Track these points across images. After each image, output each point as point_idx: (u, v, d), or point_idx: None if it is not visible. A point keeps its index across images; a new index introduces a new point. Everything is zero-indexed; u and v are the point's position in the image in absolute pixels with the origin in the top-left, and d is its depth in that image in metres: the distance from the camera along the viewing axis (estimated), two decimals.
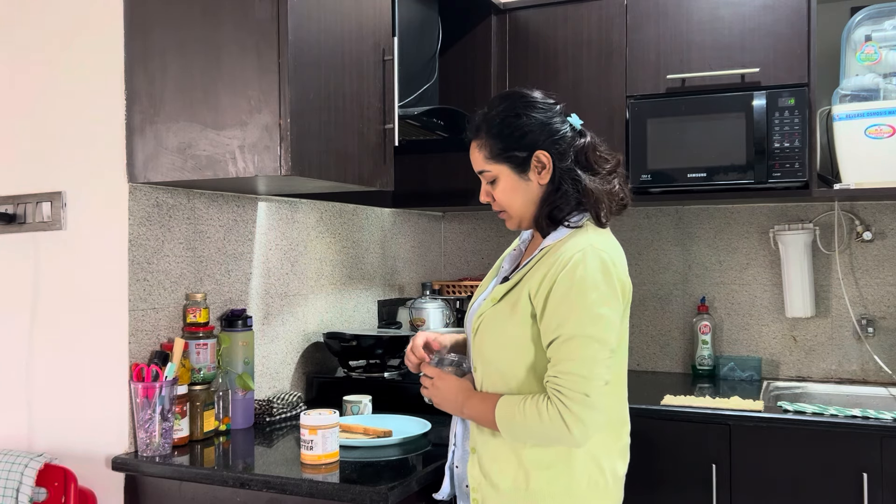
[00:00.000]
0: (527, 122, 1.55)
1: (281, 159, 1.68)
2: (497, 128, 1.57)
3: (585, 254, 1.46)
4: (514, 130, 1.55)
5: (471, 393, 1.58)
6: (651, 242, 3.01)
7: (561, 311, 1.45)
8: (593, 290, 1.44)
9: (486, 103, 1.63)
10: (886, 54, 2.42)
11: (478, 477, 1.57)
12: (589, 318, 1.44)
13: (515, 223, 1.63)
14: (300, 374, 2.46)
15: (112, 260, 1.86)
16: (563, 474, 1.50)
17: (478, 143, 1.59)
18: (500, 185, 1.59)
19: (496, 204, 1.62)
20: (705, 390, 2.57)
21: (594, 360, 1.43)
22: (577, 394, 1.42)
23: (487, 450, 1.55)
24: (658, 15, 2.63)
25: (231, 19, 1.72)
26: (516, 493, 1.52)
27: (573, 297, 1.44)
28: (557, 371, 1.44)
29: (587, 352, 1.43)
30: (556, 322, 1.45)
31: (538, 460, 1.50)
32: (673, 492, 2.28)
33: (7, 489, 1.71)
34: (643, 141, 2.60)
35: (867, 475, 2.08)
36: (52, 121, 1.94)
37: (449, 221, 3.38)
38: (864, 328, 2.70)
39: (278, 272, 2.36)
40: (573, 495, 1.50)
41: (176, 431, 1.85)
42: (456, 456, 1.65)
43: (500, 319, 1.55)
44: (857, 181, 2.40)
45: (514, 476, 1.52)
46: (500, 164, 1.57)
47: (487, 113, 1.59)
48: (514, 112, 1.57)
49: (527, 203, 1.58)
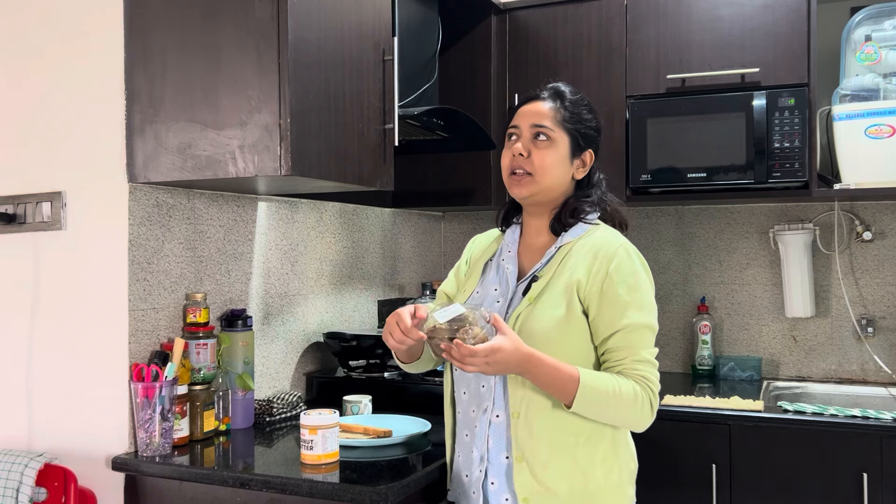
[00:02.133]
0: (595, 120, 1.69)
1: (281, 159, 1.68)
2: (577, 107, 1.65)
3: (628, 249, 1.58)
4: (587, 120, 1.66)
5: (534, 356, 1.46)
6: (651, 242, 3.01)
7: (622, 301, 1.53)
8: (645, 282, 1.57)
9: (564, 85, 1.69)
10: (886, 54, 2.42)
11: (529, 485, 1.53)
12: (646, 307, 1.56)
13: (533, 190, 1.61)
14: (300, 374, 2.46)
15: (112, 260, 1.86)
16: (614, 466, 1.57)
17: (554, 106, 1.65)
18: (551, 150, 1.62)
19: (528, 162, 1.61)
20: (705, 390, 2.57)
21: (655, 351, 1.57)
22: (656, 381, 1.55)
23: (538, 456, 1.53)
24: (658, 15, 2.63)
25: (231, 19, 1.72)
26: (574, 494, 1.52)
27: (633, 289, 1.54)
28: (635, 360, 1.53)
29: (650, 340, 1.56)
30: (618, 312, 1.52)
31: (592, 457, 1.54)
32: (673, 492, 2.28)
33: (7, 489, 1.71)
34: (643, 141, 2.60)
35: (867, 475, 2.08)
36: (53, 121, 1.94)
37: (449, 221, 3.38)
38: (864, 328, 2.70)
39: (278, 272, 2.36)
40: (622, 486, 1.58)
41: (176, 431, 1.85)
42: (491, 472, 1.57)
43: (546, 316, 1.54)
44: (857, 181, 2.40)
45: (570, 478, 1.52)
46: (566, 133, 1.63)
47: (572, 92, 1.68)
48: (590, 108, 1.69)
49: (558, 181, 1.63)
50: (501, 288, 1.65)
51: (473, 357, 1.40)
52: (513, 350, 1.43)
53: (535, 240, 1.68)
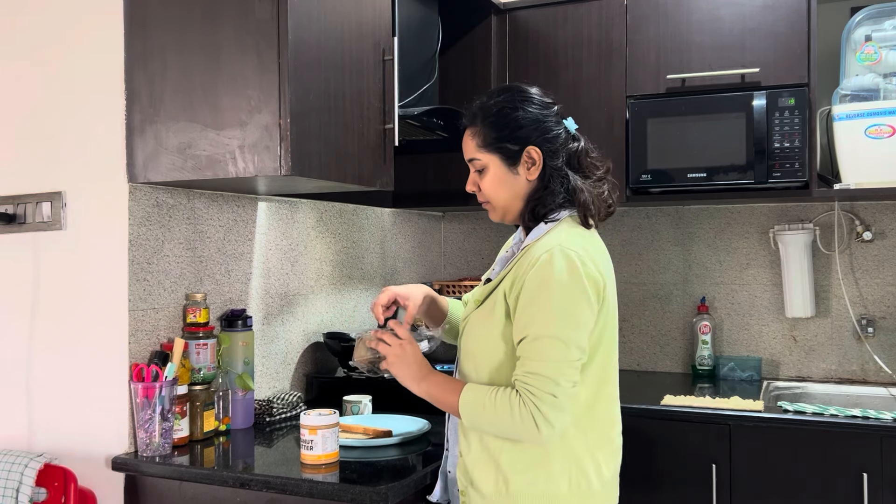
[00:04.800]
0: (522, 116, 1.56)
1: (281, 159, 1.68)
2: (493, 118, 1.57)
3: (553, 253, 1.45)
4: (510, 122, 1.56)
5: (435, 371, 1.58)
6: (651, 242, 3.01)
7: (529, 310, 1.45)
8: (559, 290, 1.43)
9: (485, 93, 1.63)
10: (886, 54, 2.42)
11: (464, 481, 1.58)
12: (555, 318, 1.43)
13: (499, 215, 1.63)
14: (300, 374, 2.46)
15: (112, 260, 1.86)
16: (541, 476, 1.49)
17: (472, 131, 1.60)
18: (489, 175, 1.59)
19: (481, 195, 1.62)
20: (705, 390, 2.57)
21: (561, 362, 1.42)
22: (546, 395, 1.41)
23: (470, 454, 1.56)
24: (658, 15, 2.63)
25: (231, 19, 1.72)
26: (498, 496, 1.52)
27: (540, 296, 1.44)
28: (525, 371, 1.44)
29: (554, 353, 1.42)
30: (524, 321, 1.45)
31: (514, 463, 1.50)
32: (673, 492, 2.28)
33: (7, 489, 1.71)
34: (643, 141, 2.60)
35: (867, 475, 2.08)
36: (52, 121, 1.94)
37: (449, 221, 3.38)
38: (864, 328, 2.70)
39: (278, 272, 2.36)
40: (554, 497, 1.49)
41: (176, 431, 1.85)
42: (449, 461, 1.66)
43: (480, 321, 1.56)
44: (857, 181, 2.40)
45: (494, 480, 1.52)
46: (491, 153, 1.57)
47: (485, 102, 1.60)
48: (512, 104, 1.57)
49: (512, 196, 1.59)
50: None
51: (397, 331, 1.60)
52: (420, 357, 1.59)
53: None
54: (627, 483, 1.65)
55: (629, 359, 3.02)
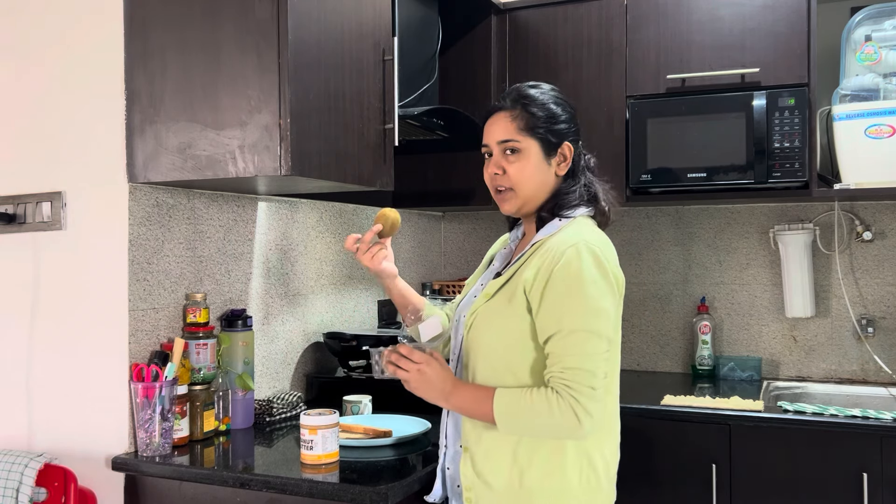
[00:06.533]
0: (563, 112, 1.61)
1: (281, 159, 1.68)
2: (538, 105, 1.59)
3: (579, 248, 1.47)
4: (555, 114, 1.59)
5: (459, 381, 1.55)
6: (651, 242, 3.01)
7: (560, 306, 1.45)
8: (591, 285, 1.46)
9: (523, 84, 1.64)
10: (886, 54, 2.42)
11: (470, 476, 1.56)
12: (589, 312, 1.45)
13: (517, 204, 1.61)
14: (300, 374, 2.46)
15: (112, 260, 1.86)
16: (556, 470, 1.50)
17: (512, 114, 1.59)
18: (522, 160, 1.58)
19: (506, 178, 1.59)
20: (705, 390, 2.57)
21: (596, 354, 1.45)
22: (585, 387, 1.42)
23: (480, 448, 1.55)
24: (658, 15, 2.63)
25: (231, 19, 1.72)
26: (510, 491, 1.51)
27: (572, 292, 1.45)
28: (563, 366, 1.44)
29: (589, 346, 1.44)
30: (555, 317, 1.46)
31: (532, 457, 1.50)
32: (673, 492, 2.28)
33: (7, 489, 1.71)
34: (643, 141, 2.60)
35: (867, 475, 2.08)
36: (52, 121, 1.94)
37: (449, 221, 3.38)
38: (864, 328, 2.70)
39: (278, 272, 2.36)
40: (566, 492, 1.50)
41: (176, 431, 1.85)
42: (447, 456, 1.64)
43: (496, 314, 1.54)
44: (857, 181, 2.40)
45: (507, 474, 1.51)
46: (533, 138, 1.58)
47: (528, 90, 1.61)
48: (556, 100, 1.62)
49: (539, 187, 1.59)
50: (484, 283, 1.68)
51: (410, 356, 1.54)
52: (444, 373, 1.54)
53: (529, 238, 1.68)
54: (627, 483, 1.65)
55: (629, 359, 3.02)
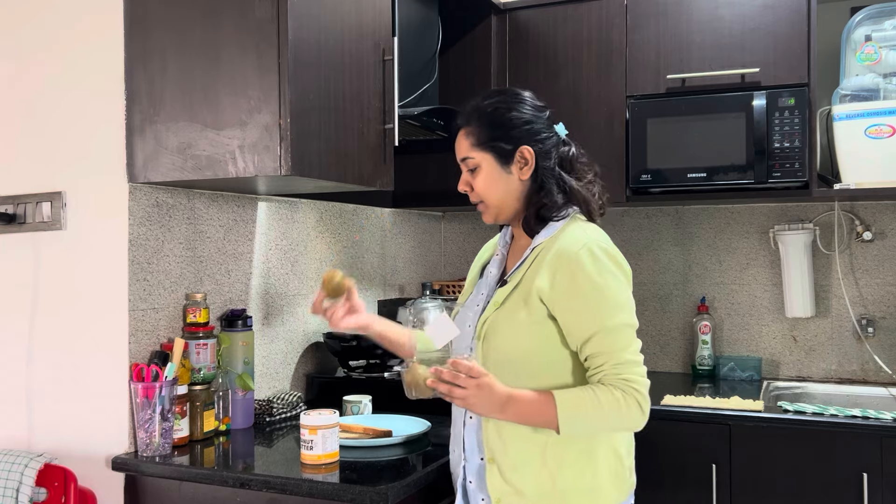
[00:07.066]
0: (516, 117, 1.61)
1: (281, 159, 1.68)
2: (487, 117, 1.61)
3: (592, 249, 1.51)
4: (504, 122, 1.60)
5: (514, 390, 1.48)
6: (651, 242, 3.01)
7: (593, 307, 1.49)
8: (613, 281, 1.51)
9: (479, 95, 1.66)
10: (886, 54, 2.42)
11: (500, 486, 1.53)
12: (619, 307, 1.51)
13: (492, 215, 1.65)
14: (300, 374, 2.46)
15: (112, 260, 1.86)
16: (587, 469, 1.52)
17: (466, 131, 1.63)
18: (482, 174, 1.61)
19: (474, 194, 1.65)
20: (705, 390, 2.57)
21: (636, 345, 1.51)
22: (640, 378, 1.48)
23: (507, 457, 1.53)
24: (658, 15, 2.63)
25: (231, 19, 1.72)
26: (542, 495, 1.51)
27: (600, 291, 1.49)
28: (615, 363, 1.47)
29: (629, 338, 1.50)
30: (590, 319, 1.49)
31: (562, 459, 1.51)
32: (673, 492, 2.28)
33: (7, 489, 1.71)
34: (643, 141, 2.60)
35: (867, 475, 2.08)
36: (52, 121, 1.94)
37: (449, 221, 3.38)
38: (864, 328, 2.70)
39: (278, 272, 2.36)
40: (598, 489, 1.53)
41: (176, 431, 1.85)
42: (468, 470, 1.59)
43: (510, 322, 1.54)
44: (857, 181, 2.40)
45: (537, 479, 1.51)
46: (485, 152, 1.60)
47: (479, 103, 1.64)
48: (506, 105, 1.62)
49: (505, 195, 1.61)
50: (486, 292, 1.67)
51: (470, 371, 1.44)
52: (498, 383, 1.46)
53: (520, 242, 1.68)
54: None
55: None
